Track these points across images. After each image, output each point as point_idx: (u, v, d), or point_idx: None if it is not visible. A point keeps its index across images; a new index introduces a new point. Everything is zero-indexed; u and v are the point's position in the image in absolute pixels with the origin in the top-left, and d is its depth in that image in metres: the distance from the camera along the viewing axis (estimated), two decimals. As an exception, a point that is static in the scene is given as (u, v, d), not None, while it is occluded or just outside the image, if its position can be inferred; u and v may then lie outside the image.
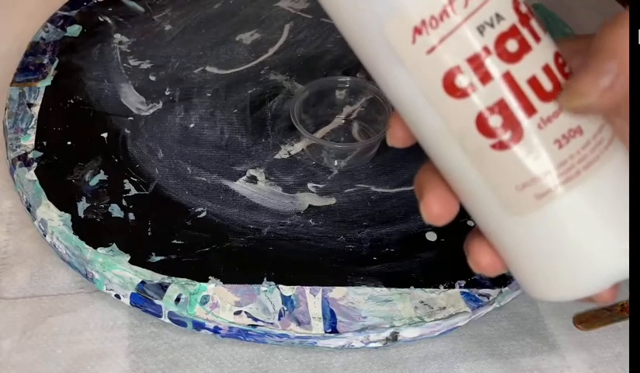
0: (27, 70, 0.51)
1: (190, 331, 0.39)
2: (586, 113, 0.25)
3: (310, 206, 0.44)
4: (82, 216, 0.42)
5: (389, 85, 0.26)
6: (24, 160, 0.44)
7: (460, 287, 0.39)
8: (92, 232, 0.41)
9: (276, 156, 0.47)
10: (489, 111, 0.24)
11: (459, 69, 0.24)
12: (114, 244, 0.40)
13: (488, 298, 0.39)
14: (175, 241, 0.41)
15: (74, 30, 0.55)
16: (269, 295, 0.39)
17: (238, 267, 0.40)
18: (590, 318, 0.40)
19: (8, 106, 0.48)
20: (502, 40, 0.24)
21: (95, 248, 0.40)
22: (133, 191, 0.44)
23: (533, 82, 0.24)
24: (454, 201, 0.27)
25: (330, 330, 0.37)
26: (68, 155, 0.45)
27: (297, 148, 0.48)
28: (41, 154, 0.45)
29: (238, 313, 0.38)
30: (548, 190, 0.25)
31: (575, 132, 0.25)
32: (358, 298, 0.39)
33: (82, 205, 0.42)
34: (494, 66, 0.24)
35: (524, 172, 0.25)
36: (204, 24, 0.57)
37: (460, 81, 0.24)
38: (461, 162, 0.26)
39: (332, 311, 0.38)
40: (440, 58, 0.24)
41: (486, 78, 0.24)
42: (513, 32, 0.24)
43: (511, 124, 0.24)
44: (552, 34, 0.26)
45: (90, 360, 0.37)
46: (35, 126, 0.47)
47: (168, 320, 0.38)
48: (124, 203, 0.43)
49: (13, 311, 0.39)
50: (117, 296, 0.39)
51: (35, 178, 0.43)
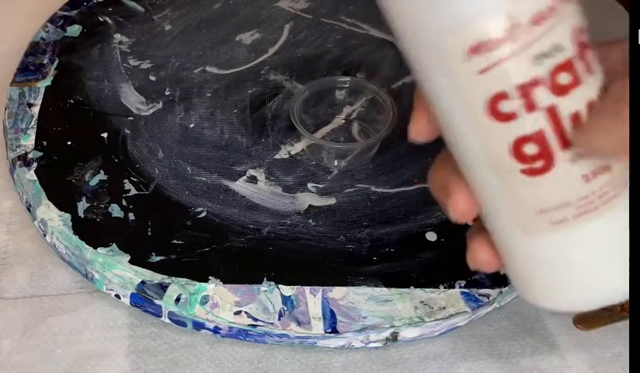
0: (27, 70, 0.51)
1: (190, 331, 0.39)
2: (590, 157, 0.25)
3: (310, 206, 0.44)
4: (82, 216, 0.42)
5: (432, 90, 0.26)
6: (24, 160, 0.45)
7: (460, 287, 0.39)
8: (92, 232, 0.41)
9: (276, 156, 0.47)
10: (527, 139, 0.24)
11: (506, 95, 0.24)
12: (114, 244, 0.40)
13: (488, 298, 0.39)
14: (175, 241, 0.41)
15: (74, 30, 0.55)
16: (269, 295, 0.39)
17: (238, 267, 0.40)
18: (590, 318, 0.40)
19: (8, 106, 0.48)
20: (556, 72, 0.23)
21: (95, 248, 0.40)
22: (133, 191, 0.44)
23: (575, 117, 0.24)
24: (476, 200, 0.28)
25: (330, 330, 0.37)
26: (68, 155, 0.45)
27: (297, 148, 0.48)
28: (41, 154, 0.45)
29: (238, 313, 0.38)
30: (565, 219, 0.26)
31: (605, 169, 0.25)
32: (358, 298, 0.39)
33: (82, 205, 0.42)
34: (542, 97, 0.24)
35: (547, 200, 0.25)
36: (204, 24, 0.57)
37: (505, 107, 0.24)
38: (489, 177, 0.26)
39: (332, 312, 0.38)
40: (490, 81, 0.24)
41: (531, 107, 0.24)
42: (568, 65, 0.24)
43: (545, 155, 0.24)
44: None
45: (90, 360, 0.37)
46: (35, 126, 0.47)
47: (168, 320, 0.38)
48: (124, 203, 0.43)
49: (13, 312, 0.39)
50: (117, 296, 0.39)
51: (35, 178, 0.43)
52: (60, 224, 0.41)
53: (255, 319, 0.38)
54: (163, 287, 0.38)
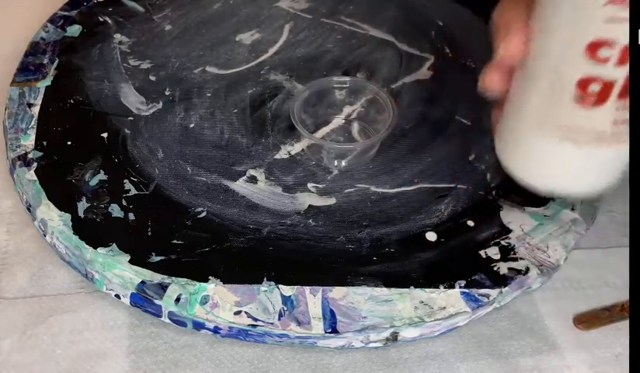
0: (27, 70, 0.51)
1: (190, 331, 0.39)
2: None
3: (310, 206, 0.44)
4: (82, 216, 0.42)
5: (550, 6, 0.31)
6: (24, 160, 0.45)
7: (460, 287, 0.39)
8: (92, 232, 0.41)
9: (276, 156, 0.47)
10: (597, 82, 0.30)
11: (607, 43, 0.29)
12: (114, 244, 0.40)
13: (488, 298, 0.39)
14: (175, 241, 0.41)
15: (74, 30, 0.55)
16: (269, 295, 0.39)
17: (238, 267, 0.40)
18: (590, 318, 0.40)
19: (8, 106, 0.48)
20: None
21: (95, 248, 0.40)
22: (133, 191, 0.44)
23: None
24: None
25: (330, 330, 0.37)
26: (68, 155, 0.45)
27: (297, 148, 0.48)
28: (41, 154, 0.45)
29: (238, 313, 0.38)
30: (575, 140, 0.32)
31: (624, 122, 0.31)
32: (358, 298, 0.39)
33: (82, 205, 0.42)
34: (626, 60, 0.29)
35: (574, 124, 0.31)
36: (204, 24, 0.57)
37: (602, 53, 0.29)
38: (540, 88, 0.32)
39: (332, 312, 0.38)
40: (605, 19, 0.28)
41: (621, 61, 0.29)
42: None
43: (599, 99, 0.30)
44: None
45: (90, 360, 0.37)
46: (35, 126, 0.47)
47: (168, 320, 0.38)
48: (124, 203, 0.43)
49: (13, 311, 0.39)
50: (117, 296, 0.39)
51: (35, 178, 0.43)
52: (61, 224, 0.41)
53: (255, 319, 0.38)
54: (163, 287, 0.38)
